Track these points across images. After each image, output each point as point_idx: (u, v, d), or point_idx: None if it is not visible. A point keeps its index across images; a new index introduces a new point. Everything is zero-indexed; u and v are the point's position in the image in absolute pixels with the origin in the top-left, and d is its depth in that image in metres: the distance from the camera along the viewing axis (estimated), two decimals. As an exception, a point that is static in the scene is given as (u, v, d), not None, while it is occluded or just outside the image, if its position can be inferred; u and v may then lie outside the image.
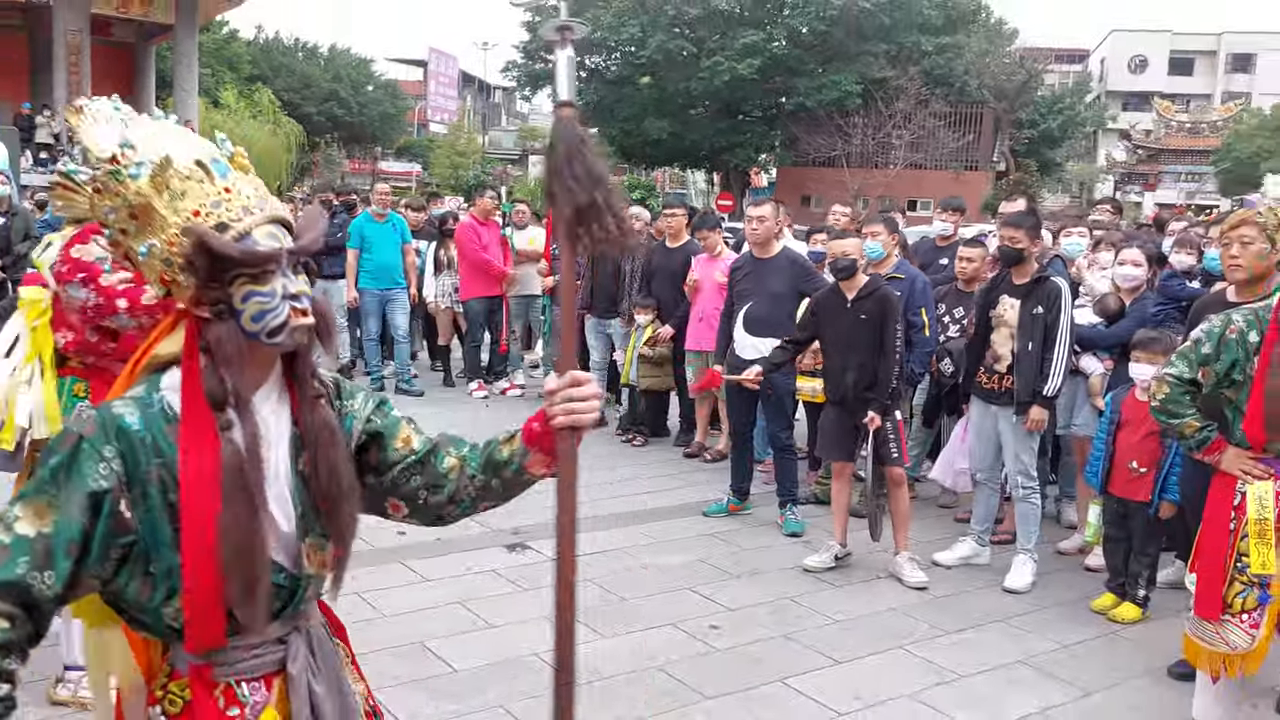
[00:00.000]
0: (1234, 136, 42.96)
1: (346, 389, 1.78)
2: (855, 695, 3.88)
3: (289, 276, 1.58)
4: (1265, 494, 3.23)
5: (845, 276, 5.26)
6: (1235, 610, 3.25)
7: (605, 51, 31.61)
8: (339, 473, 1.63)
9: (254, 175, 1.65)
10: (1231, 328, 3.29)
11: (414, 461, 1.75)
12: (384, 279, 9.33)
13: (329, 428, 1.64)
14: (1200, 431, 3.40)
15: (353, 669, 1.84)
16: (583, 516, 5.96)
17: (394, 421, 1.78)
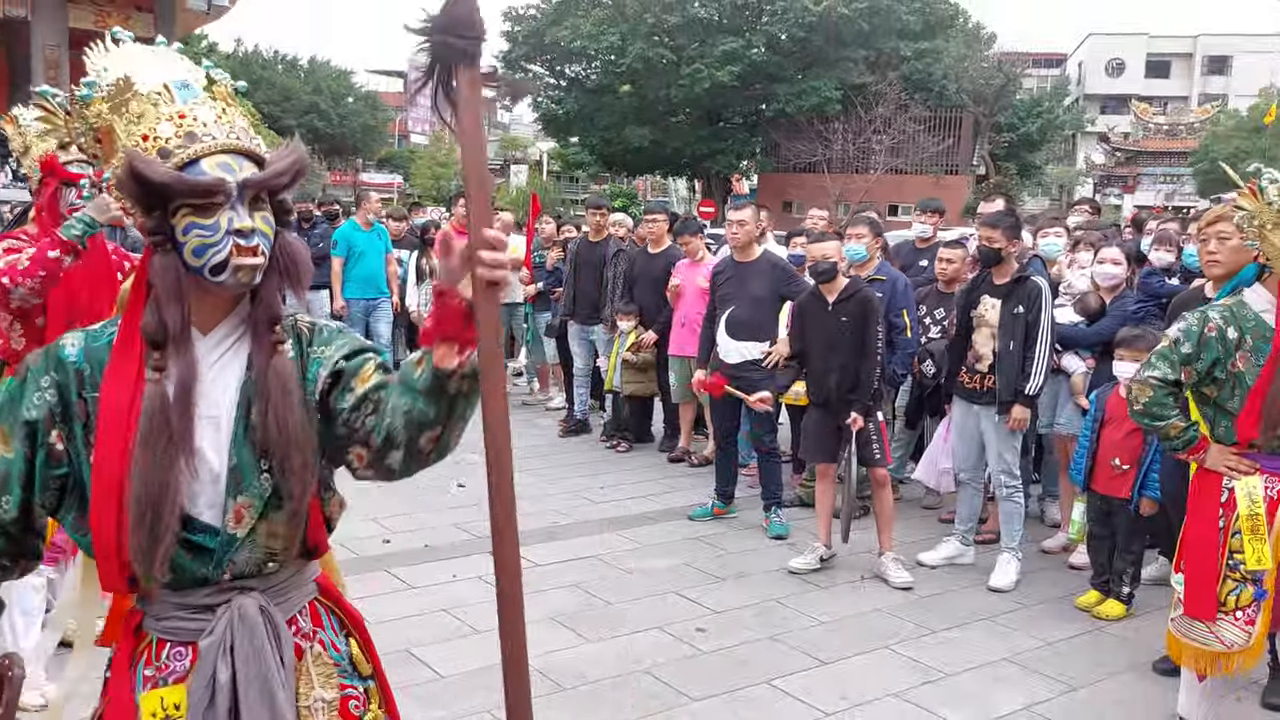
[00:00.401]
0: (1211, 138, 43.33)
1: (323, 335, 1.65)
2: (842, 695, 3.88)
3: (239, 211, 1.49)
4: (1254, 489, 3.22)
5: (826, 280, 5.27)
6: (1230, 608, 3.22)
7: (585, 60, 31.68)
8: (287, 425, 1.52)
9: (233, 107, 1.58)
10: (1210, 325, 3.27)
11: (362, 397, 1.58)
12: (369, 288, 9.33)
13: (281, 378, 1.54)
14: (1185, 432, 3.36)
15: (334, 675, 1.69)
16: (567, 522, 6.01)
17: (360, 363, 1.62)
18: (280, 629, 1.58)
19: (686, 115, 30.82)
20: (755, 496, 6.44)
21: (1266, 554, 3.18)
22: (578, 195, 42.28)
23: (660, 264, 7.70)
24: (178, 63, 1.60)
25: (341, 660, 1.72)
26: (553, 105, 32.23)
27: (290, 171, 1.56)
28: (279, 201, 1.57)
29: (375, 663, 1.77)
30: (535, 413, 9.30)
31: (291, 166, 1.56)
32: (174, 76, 1.54)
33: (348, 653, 1.71)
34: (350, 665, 1.72)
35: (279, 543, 1.58)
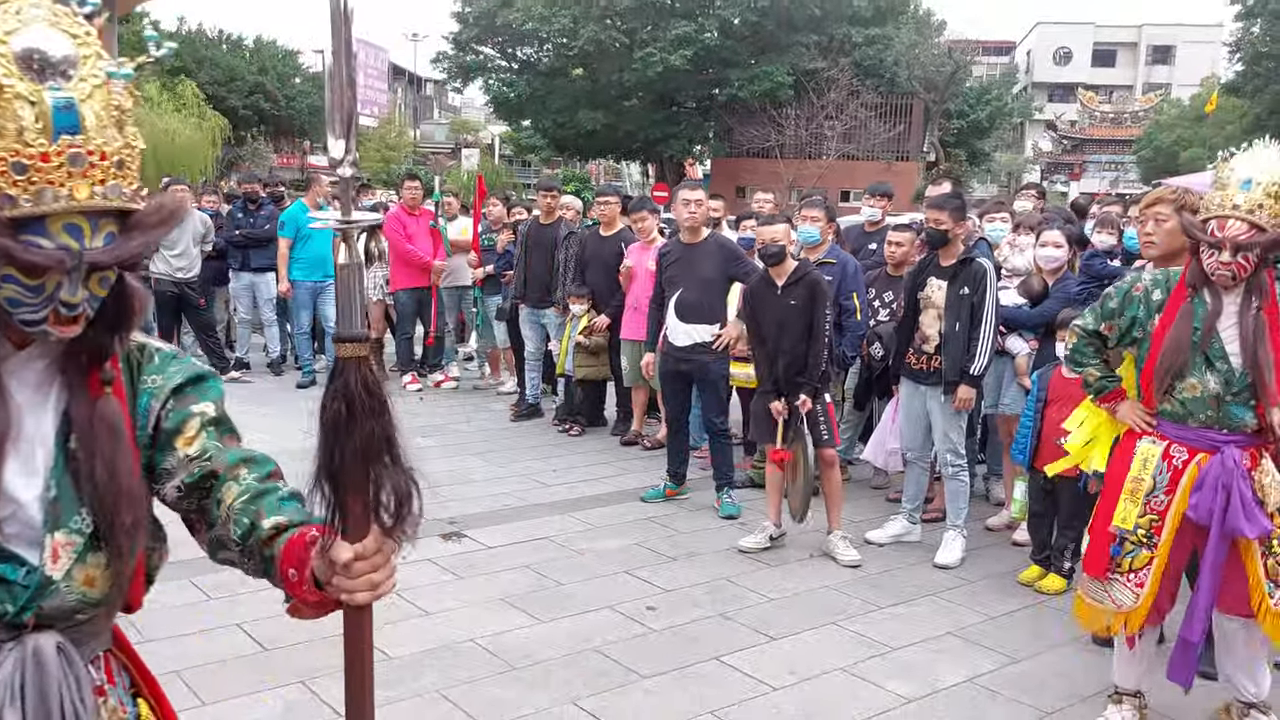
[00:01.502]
0: (1154, 126, 44.23)
1: (155, 361, 1.46)
2: (790, 670, 3.93)
3: (72, 280, 1.25)
4: (1150, 456, 3.33)
5: (774, 262, 5.30)
6: (1124, 569, 3.34)
7: (537, 43, 31.44)
8: (117, 475, 1.34)
9: (130, 117, 1.32)
10: (1138, 285, 3.41)
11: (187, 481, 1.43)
12: (317, 271, 9.22)
13: (110, 425, 1.35)
14: (1099, 380, 3.56)
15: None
16: (518, 505, 5.99)
17: (182, 416, 1.44)
18: (79, 671, 1.39)
19: (639, 99, 30.71)
20: (707, 478, 6.48)
21: (1132, 515, 3.31)
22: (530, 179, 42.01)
23: (613, 247, 7.69)
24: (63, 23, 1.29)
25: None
26: (504, 88, 31.95)
27: (149, 247, 1.31)
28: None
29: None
30: (487, 397, 9.26)
31: (151, 241, 1.30)
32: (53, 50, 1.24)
33: (134, 713, 1.54)
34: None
35: (97, 594, 1.39)
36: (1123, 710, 3.53)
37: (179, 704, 3.43)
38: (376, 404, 1.30)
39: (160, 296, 9.20)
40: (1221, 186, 3.17)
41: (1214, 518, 3.19)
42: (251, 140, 39.52)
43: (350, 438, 1.28)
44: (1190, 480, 3.26)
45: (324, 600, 1.36)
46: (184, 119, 29.95)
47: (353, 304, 1.36)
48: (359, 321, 1.35)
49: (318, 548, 1.33)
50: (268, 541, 1.38)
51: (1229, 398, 3.22)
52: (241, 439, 1.52)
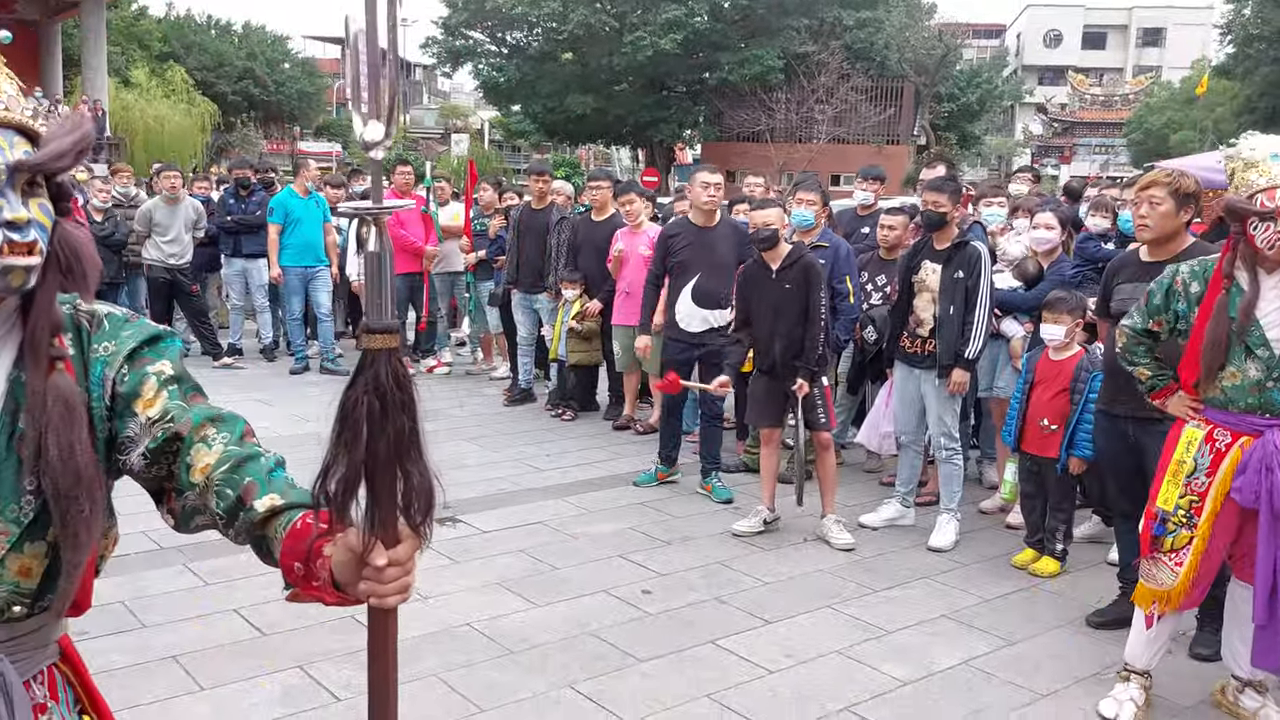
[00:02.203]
0: (1145, 109, 44.26)
1: (106, 327, 1.39)
2: (786, 653, 3.94)
3: (9, 198, 1.25)
4: (1194, 439, 3.36)
5: (768, 246, 5.29)
6: (1165, 549, 3.37)
7: (526, 27, 31.29)
8: (73, 458, 1.27)
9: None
10: (1177, 279, 3.42)
11: (151, 447, 1.35)
12: (307, 256, 9.18)
13: (64, 404, 1.28)
14: (1151, 379, 3.58)
15: None
16: (513, 490, 5.98)
17: (138, 378, 1.36)
18: (14, 690, 1.31)
19: (629, 83, 30.60)
20: (699, 461, 6.50)
21: (1173, 497, 3.35)
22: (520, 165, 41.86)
23: (605, 231, 7.66)
24: None
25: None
26: (493, 73, 31.80)
27: (74, 151, 1.30)
28: (58, 185, 1.33)
29: None
30: (479, 382, 9.25)
31: (74, 145, 1.30)
32: None
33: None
34: None
35: (31, 584, 1.30)
36: (1130, 688, 3.54)
37: (177, 689, 3.47)
38: (407, 398, 1.23)
39: (153, 283, 9.18)
40: (1250, 165, 3.16)
41: (1262, 500, 3.21)
42: (241, 126, 39.31)
43: (383, 434, 1.21)
44: (1233, 463, 3.27)
45: (341, 600, 1.30)
46: (173, 105, 29.79)
47: (382, 293, 1.28)
48: (388, 311, 1.28)
49: (339, 545, 1.25)
50: (262, 524, 1.32)
51: (1270, 384, 3.22)
52: (206, 396, 1.43)
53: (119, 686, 3.37)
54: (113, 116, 24.85)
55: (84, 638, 3.36)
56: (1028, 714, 3.54)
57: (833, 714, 3.49)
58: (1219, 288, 3.28)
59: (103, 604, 4.04)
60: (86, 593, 1.39)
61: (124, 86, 28.78)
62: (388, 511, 1.25)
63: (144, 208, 9.18)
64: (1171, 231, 3.98)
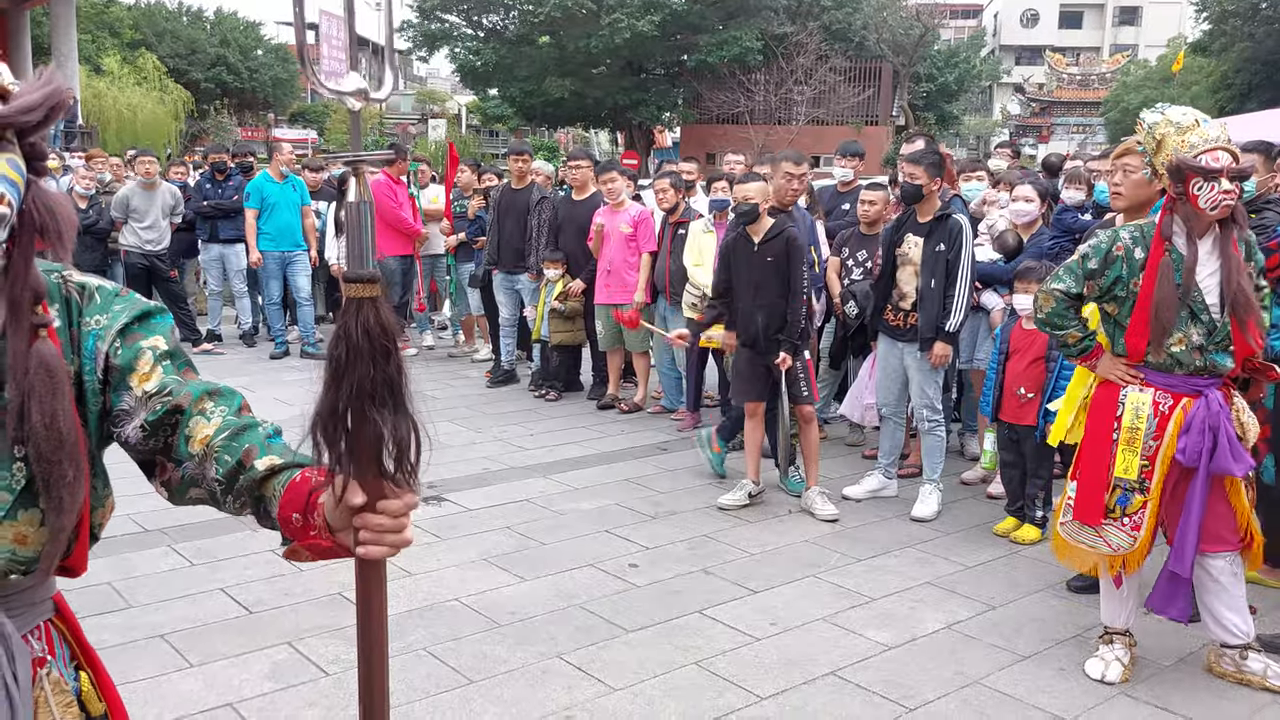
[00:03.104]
0: (1121, 88, 44.40)
1: (97, 300, 1.39)
2: (772, 621, 3.98)
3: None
4: (1141, 404, 3.42)
5: (749, 221, 5.31)
6: (1116, 515, 3.44)
7: (503, 10, 31.05)
8: (57, 426, 1.27)
9: None
10: (1118, 245, 3.45)
11: (150, 420, 1.35)
12: (285, 241, 9.13)
13: (47, 369, 1.27)
14: (1081, 341, 3.61)
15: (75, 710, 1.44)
16: (498, 469, 5.99)
17: (133, 352, 1.37)
18: (13, 641, 1.32)
19: (607, 66, 30.42)
20: (683, 439, 6.56)
21: (1134, 464, 3.41)
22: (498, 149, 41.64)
23: (586, 211, 7.67)
24: None
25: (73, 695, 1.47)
26: (470, 56, 31.55)
27: (43, 106, 1.27)
28: (31, 145, 1.30)
29: (111, 701, 1.53)
30: (462, 364, 9.24)
31: (45, 100, 1.27)
32: None
33: (76, 689, 1.46)
34: (79, 703, 1.48)
35: (29, 551, 1.32)
36: (1115, 649, 3.61)
37: (167, 666, 3.47)
38: (380, 346, 1.24)
39: (130, 269, 9.11)
40: (1184, 129, 3.25)
41: (1201, 459, 3.28)
42: (215, 113, 38.91)
43: (361, 378, 1.24)
44: (1178, 425, 3.35)
45: (335, 547, 1.32)
46: (146, 93, 29.45)
47: (362, 243, 1.31)
48: (368, 261, 1.30)
49: (329, 491, 1.28)
50: (261, 482, 1.34)
51: (1211, 347, 3.32)
52: (198, 371, 1.45)
53: (109, 664, 3.34)
54: (84, 105, 24.54)
55: (71, 617, 3.37)
56: (1009, 675, 3.60)
57: (818, 678, 3.54)
58: (1161, 251, 3.34)
59: (90, 584, 4.05)
60: (81, 556, 1.40)
61: (95, 74, 28.42)
62: (365, 454, 1.26)
63: (120, 194, 9.11)
64: (1145, 200, 4.02)
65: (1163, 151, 3.32)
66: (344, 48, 1.35)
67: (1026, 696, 3.44)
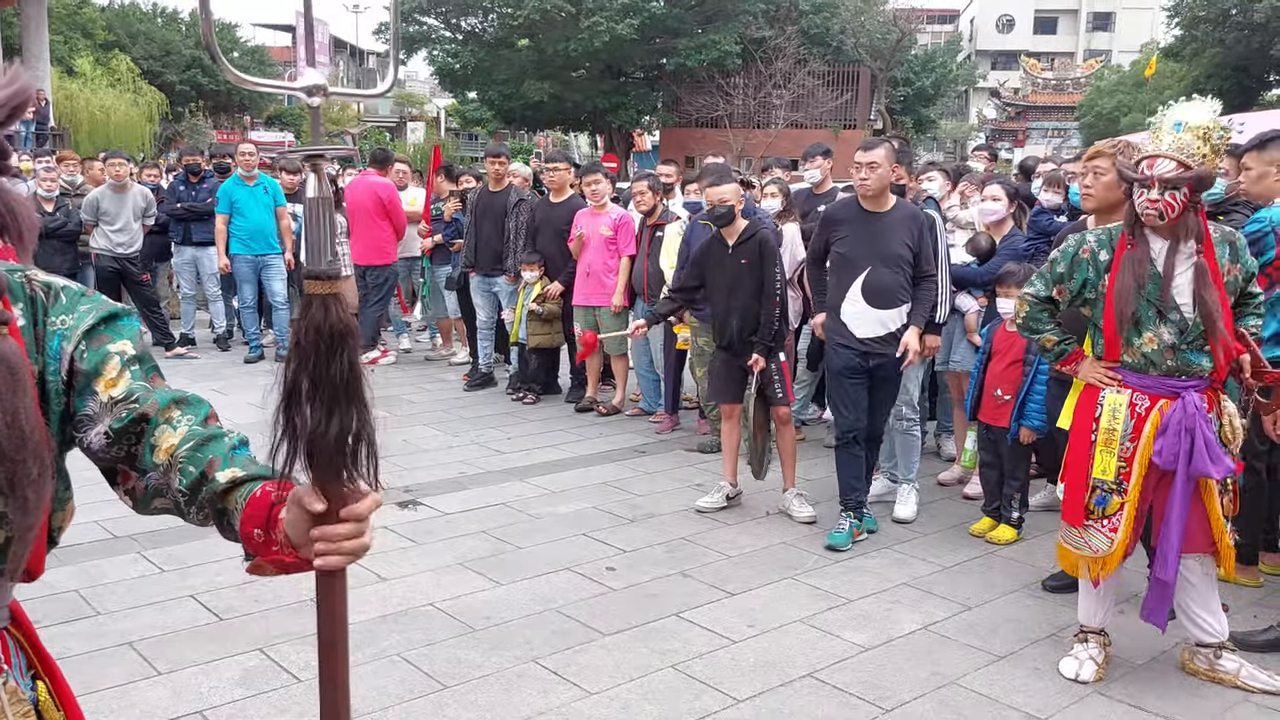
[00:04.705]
0: (1095, 92, 44.84)
1: (63, 300, 1.35)
2: (749, 623, 3.97)
3: None
4: (1118, 406, 3.43)
5: (724, 223, 5.30)
6: (1096, 516, 3.46)
7: (481, 12, 30.97)
8: (18, 423, 1.22)
9: None
10: (1084, 248, 3.48)
11: (115, 426, 1.32)
12: (257, 244, 9.04)
13: (8, 368, 1.23)
14: (1059, 344, 3.63)
15: None
16: (475, 473, 5.95)
17: (99, 356, 1.33)
18: None
19: (586, 69, 30.39)
20: (663, 441, 6.54)
21: (1111, 466, 3.41)
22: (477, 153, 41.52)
23: (563, 213, 7.65)
24: None
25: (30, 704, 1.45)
26: (449, 59, 31.44)
27: (7, 106, 1.24)
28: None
29: (69, 710, 1.49)
30: (439, 368, 9.19)
31: (9, 100, 1.23)
32: None
33: (34, 698, 1.43)
34: (37, 713, 1.44)
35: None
36: (1089, 647, 3.62)
37: (134, 675, 3.42)
38: (337, 344, 1.23)
39: (101, 272, 9.00)
40: (1155, 132, 3.28)
41: (1179, 461, 3.29)
42: (190, 116, 38.65)
43: (317, 376, 1.23)
44: (1154, 427, 3.36)
45: (299, 561, 1.30)
46: (119, 95, 29.20)
47: (322, 239, 1.29)
48: (328, 257, 1.28)
49: (289, 501, 1.26)
50: (223, 495, 1.31)
51: (1184, 346, 3.34)
52: (165, 379, 1.42)
53: (76, 673, 3.30)
54: (56, 106, 24.30)
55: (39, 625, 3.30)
56: (985, 675, 3.60)
57: (795, 680, 3.53)
58: (1124, 246, 3.38)
59: (57, 592, 3.99)
60: (39, 558, 1.36)
61: (67, 76, 28.15)
62: (321, 457, 1.24)
63: (91, 196, 9.00)
64: (1115, 201, 4.04)
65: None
66: (303, 44, 1.35)
67: (1002, 696, 3.44)
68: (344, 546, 1.27)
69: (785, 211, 6.71)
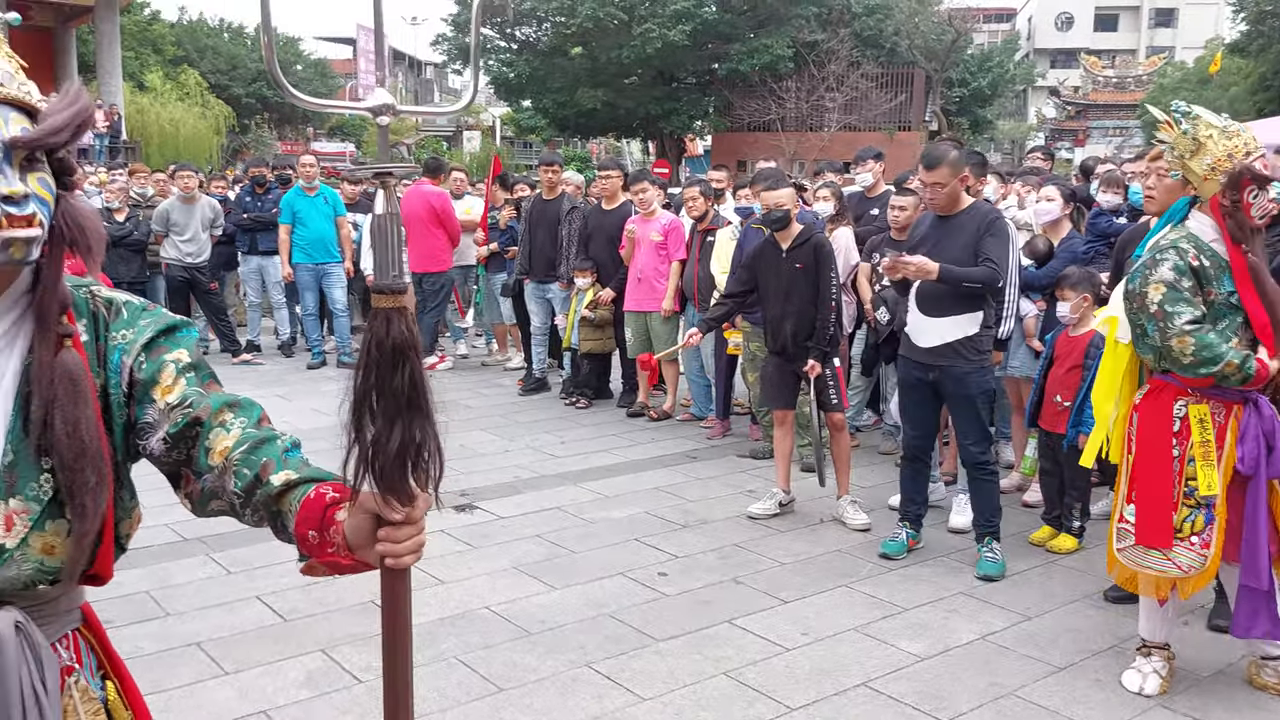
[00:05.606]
0: (1159, 90, 43.83)
1: (124, 315, 1.42)
2: (803, 631, 3.96)
3: (6, 174, 1.26)
4: (1204, 417, 3.29)
5: (779, 227, 5.30)
6: (1185, 534, 3.30)
7: (535, 22, 31.25)
8: (79, 432, 1.29)
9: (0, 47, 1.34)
10: (1190, 255, 3.24)
11: (171, 431, 1.37)
12: (318, 253, 9.23)
13: (70, 378, 1.30)
14: (1245, 364, 3.20)
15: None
16: (529, 477, 6.00)
17: (156, 365, 1.39)
18: (42, 650, 1.34)
19: (639, 76, 30.48)
20: (714, 447, 6.54)
21: (1215, 479, 3.27)
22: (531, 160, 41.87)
23: (615, 220, 7.70)
24: None
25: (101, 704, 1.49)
26: (504, 68, 31.78)
27: (71, 126, 1.30)
28: (59, 161, 1.34)
29: (137, 709, 1.54)
30: (494, 373, 9.29)
31: (72, 120, 1.30)
32: None
33: (103, 697, 1.48)
34: (106, 711, 1.49)
35: (56, 561, 1.33)
36: (1153, 661, 3.54)
37: (202, 674, 3.52)
38: (399, 357, 1.27)
39: (171, 282, 9.27)
40: (1230, 134, 3.19)
41: (1260, 466, 3.22)
42: (255, 128, 39.52)
43: (386, 389, 1.27)
44: (1234, 435, 3.27)
45: (355, 564, 1.34)
46: (188, 108, 29.99)
47: (389, 254, 1.33)
48: (394, 272, 1.32)
49: (354, 508, 1.30)
50: (278, 497, 1.35)
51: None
52: (221, 384, 1.47)
53: (147, 672, 3.42)
54: (128, 120, 25.02)
55: (110, 626, 3.41)
56: (1044, 686, 3.55)
57: (850, 689, 3.51)
58: (1240, 254, 3.24)
59: (128, 594, 4.11)
60: (106, 564, 1.42)
61: (139, 90, 28.99)
62: (390, 467, 1.28)
63: (160, 207, 9.26)
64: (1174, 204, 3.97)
65: (1203, 155, 3.24)
66: (374, 62, 1.42)
67: (1062, 708, 3.40)
68: (408, 547, 1.31)
69: (838, 215, 6.69)
